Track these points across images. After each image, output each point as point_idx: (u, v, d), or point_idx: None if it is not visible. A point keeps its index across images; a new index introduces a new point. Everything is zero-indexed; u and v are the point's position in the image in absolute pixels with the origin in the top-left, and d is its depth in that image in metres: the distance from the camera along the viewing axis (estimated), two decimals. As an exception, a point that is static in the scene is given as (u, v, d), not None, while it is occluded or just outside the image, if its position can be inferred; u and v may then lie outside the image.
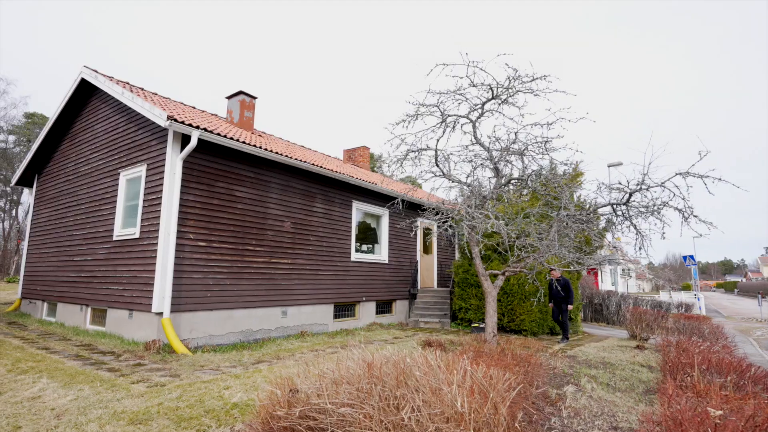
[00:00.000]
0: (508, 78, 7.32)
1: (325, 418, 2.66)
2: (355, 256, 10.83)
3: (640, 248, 7.95)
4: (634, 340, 11.02)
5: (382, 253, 11.93)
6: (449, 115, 7.93)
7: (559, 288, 9.65)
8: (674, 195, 6.95)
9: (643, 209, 7.39)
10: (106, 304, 7.90)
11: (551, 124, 7.50)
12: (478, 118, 7.93)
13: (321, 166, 9.60)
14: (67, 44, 69.20)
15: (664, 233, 7.20)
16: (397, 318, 12.19)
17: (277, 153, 8.42)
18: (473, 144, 8.18)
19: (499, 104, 7.52)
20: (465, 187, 8.42)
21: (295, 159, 8.86)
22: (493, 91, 7.29)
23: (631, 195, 7.61)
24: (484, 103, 7.70)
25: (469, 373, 2.78)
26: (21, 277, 11.19)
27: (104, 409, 3.77)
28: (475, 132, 8.10)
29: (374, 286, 11.41)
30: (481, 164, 8.78)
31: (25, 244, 11.43)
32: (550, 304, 10.22)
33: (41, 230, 10.80)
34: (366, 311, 11.08)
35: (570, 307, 9.81)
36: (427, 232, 14.12)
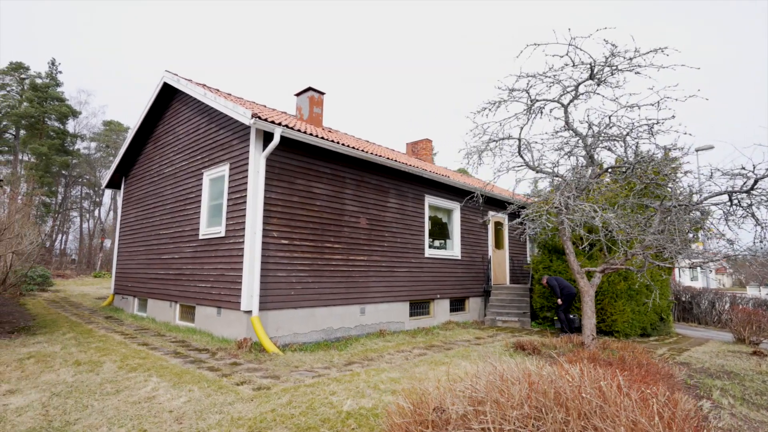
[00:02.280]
0: (608, 55, 6.58)
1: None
2: (428, 252, 10.48)
3: (761, 241, 6.95)
4: (743, 344, 9.82)
5: (454, 249, 11.49)
6: (538, 100, 7.32)
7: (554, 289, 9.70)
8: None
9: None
10: (194, 301, 8.13)
11: (658, 103, 6.68)
12: (571, 101, 7.26)
13: (395, 160, 9.31)
14: (132, 47, 74.02)
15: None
16: (471, 316, 11.71)
17: (353, 148, 8.23)
18: (564, 130, 7.52)
19: (597, 85, 6.80)
20: (555, 178, 7.77)
21: (371, 153, 8.63)
22: (592, 70, 6.59)
23: (756, 181, 6.62)
24: (578, 85, 7.02)
25: (652, 399, 2.32)
26: (113, 274, 11.93)
27: (220, 414, 3.69)
28: (566, 117, 7.43)
29: (448, 283, 11.02)
30: (569, 152, 8.09)
31: (115, 243, 12.17)
32: (558, 301, 9.79)
33: (130, 230, 11.42)
34: (440, 309, 10.72)
35: (559, 301, 9.72)
36: (498, 226, 13.48)
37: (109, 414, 3.69)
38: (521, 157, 8.33)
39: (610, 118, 7.35)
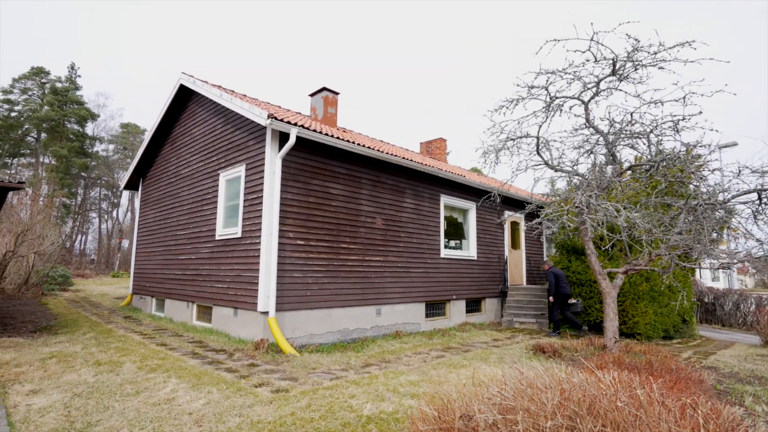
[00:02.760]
0: (630, 50, 6.39)
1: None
2: (444, 252, 10.37)
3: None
4: (772, 348, 9.48)
5: (470, 249, 11.34)
6: (557, 97, 7.16)
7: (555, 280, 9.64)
8: None
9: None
10: (211, 302, 8.16)
11: (684, 98, 6.46)
12: (592, 98, 7.08)
13: (411, 160, 9.22)
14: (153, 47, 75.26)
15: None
16: (487, 317, 11.56)
17: (369, 148, 8.17)
18: (585, 127, 7.34)
19: (620, 81, 6.62)
20: (575, 177, 7.60)
21: (387, 153, 8.55)
22: (615, 65, 6.41)
23: (789, 179, 6.37)
24: (599, 81, 6.84)
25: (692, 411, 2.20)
26: (131, 274, 12.09)
27: (240, 417, 3.66)
28: (587, 114, 7.25)
29: (464, 284, 10.88)
30: (589, 151, 7.90)
31: (133, 244, 12.33)
32: (550, 298, 9.79)
33: (147, 230, 11.55)
34: (456, 310, 10.59)
35: (551, 299, 9.71)
36: (514, 226, 13.29)
37: (130, 416, 3.69)
38: (539, 155, 8.17)
39: (632, 114, 7.15)
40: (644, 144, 6.83)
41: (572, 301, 9.72)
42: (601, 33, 6.02)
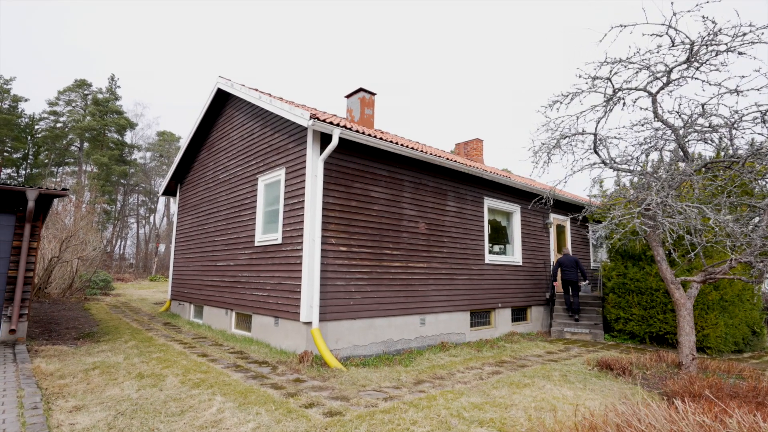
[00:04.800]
0: (710, 33, 5.72)
1: None
2: (488, 258, 9.81)
3: None
4: None
5: (515, 254, 10.74)
6: (622, 89, 6.54)
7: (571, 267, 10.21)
8: None
9: None
10: (250, 310, 7.93)
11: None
12: (662, 88, 6.42)
13: (455, 161, 8.75)
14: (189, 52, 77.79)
15: None
16: (534, 326, 10.90)
17: (412, 148, 7.76)
18: (653, 121, 6.69)
19: (697, 68, 5.95)
20: (639, 177, 6.93)
21: (430, 154, 8.12)
22: (692, 50, 5.76)
23: None
24: (670, 69, 6.18)
25: None
26: (170, 280, 12.10)
27: (295, 446, 3.30)
28: (655, 107, 6.59)
29: (509, 291, 10.29)
30: (652, 147, 7.21)
31: (171, 250, 12.36)
32: (555, 282, 10.66)
33: (185, 236, 11.53)
34: (502, 319, 10.01)
35: (584, 283, 10.39)
36: (560, 230, 12.57)
37: (176, 441, 3.39)
38: (597, 154, 7.54)
39: (703, 106, 6.45)
40: (725, 138, 6.11)
41: (582, 283, 10.53)
42: (679, 14, 5.39)
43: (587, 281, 10.46)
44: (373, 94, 10.98)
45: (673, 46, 5.70)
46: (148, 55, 74.97)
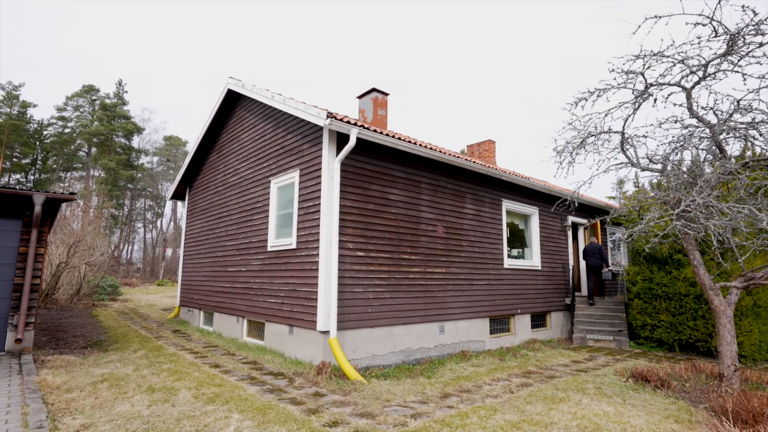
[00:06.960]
0: (753, 21, 5.38)
1: None
2: (507, 262, 9.47)
3: None
4: None
5: (533, 258, 10.38)
6: (654, 84, 6.20)
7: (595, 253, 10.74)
8: None
9: None
10: (263, 318, 7.64)
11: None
12: (697, 83, 6.07)
13: (473, 162, 8.44)
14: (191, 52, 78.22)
15: None
16: (554, 333, 10.52)
17: (431, 149, 7.45)
18: (687, 118, 6.34)
19: (738, 61, 5.60)
20: (672, 176, 6.57)
21: (449, 155, 7.81)
22: (731, 42, 5.41)
23: None
24: (708, 63, 5.83)
25: None
26: (179, 286, 11.85)
27: (323, 474, 2.98)
28: (689, 103, 6.24)
29: (528, 297, 9.93)
30: (682, 145, 6.85)
31: (180, 255, 12.11)
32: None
33: (194, 241, 11.28)
34: (521, 325, 9.64)
35: (606, 269, 10.85)
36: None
37: (193, 467, 3.09)
38: (624, 153, 7.19)
39: (738, 102, 6.09)
40: (766, 134, 5.74)
41: (605, 270, 10.91)
42: (719, 4, 5.05)
43: (609, 268, 10.92)
44: (386, 94, 10.71)
45: (716, 36, 5.35)
46: (156, 61, 75.46)
